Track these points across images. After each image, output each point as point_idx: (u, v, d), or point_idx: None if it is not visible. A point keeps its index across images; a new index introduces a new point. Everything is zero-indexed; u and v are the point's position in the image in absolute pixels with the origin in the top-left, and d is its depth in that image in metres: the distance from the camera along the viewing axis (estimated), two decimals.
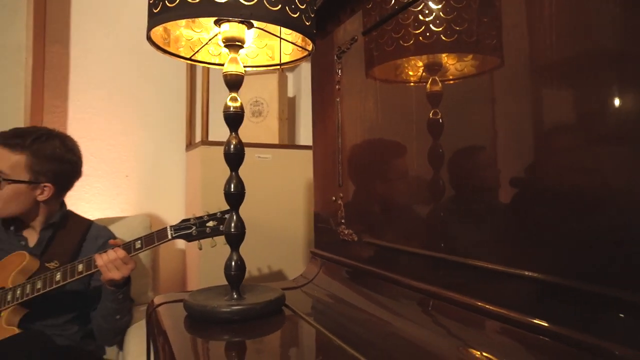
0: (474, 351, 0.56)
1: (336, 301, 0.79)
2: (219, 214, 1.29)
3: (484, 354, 0.55)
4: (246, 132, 2.03)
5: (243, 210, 1.24)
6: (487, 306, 0.57)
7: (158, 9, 0.67)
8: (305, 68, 2.22)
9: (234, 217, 0.78)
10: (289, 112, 2.20)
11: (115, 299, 1.27)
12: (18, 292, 1.22)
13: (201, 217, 1.29)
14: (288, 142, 2.17)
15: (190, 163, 2.03)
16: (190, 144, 2.10)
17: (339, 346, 0.60)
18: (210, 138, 1.85)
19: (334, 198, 0.89)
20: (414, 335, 0.63)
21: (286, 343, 0.66)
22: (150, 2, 0.70)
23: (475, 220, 0.64)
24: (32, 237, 1.37)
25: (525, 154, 0.57)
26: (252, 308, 0.71)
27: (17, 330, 1.18)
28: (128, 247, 1.24)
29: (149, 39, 0.76)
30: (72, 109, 1.99)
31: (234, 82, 0.77)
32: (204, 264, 1.74)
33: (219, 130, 2.03)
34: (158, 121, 2.11)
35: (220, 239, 1.27)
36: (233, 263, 0.75)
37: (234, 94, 0.78)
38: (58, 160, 1.34)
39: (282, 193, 1.85)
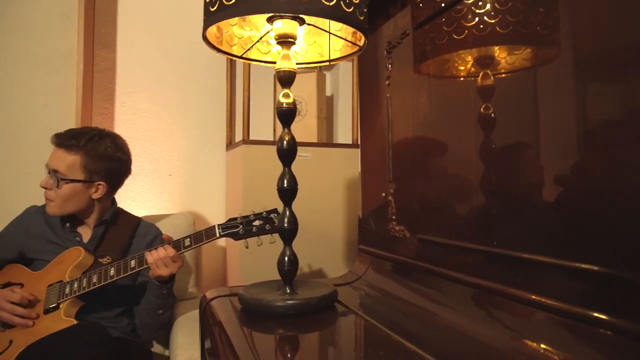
0: (531, 343, 0.56)
1: (388, 297, 0.79)
2: (264, 213, 1.31)
3: (542, 345, 0.55)
4: None
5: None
6: (543, 299, 0.57)
7: (215, 7, 0.69)
8: (343, 67, 2.22)
9: (287, 213, 0.78)
10: (327, 111, 2.21)
11: (160, 295, 1.30)
12: (75, 285, 1.28)
13: (247, 216, 1.31)
14: (326, 141, 2.17)
15: (231, 162, 2.07)
16: (230, 144, 2.14)
17: (398, 341, 0.60)
18: (251, 137, 1.87)
19: (383, 194, 0.89)
20: (470, 329, 0.63)
21: (343, 338, 0.66)
22: (207, 1, 0.72)
23: (530, 214, 0.63)
24: (86, 233, 1.43)
25: (582, 148, 0.56)
26: (307, 303, 0.71)
27: (75, 322, 1.23)
28: (178, 244, 1.28)
29: (204, 37, 0.78)
30: (119, 110, 2.06)
31: (286, 79, 0.77)
32: (245, 262, 1.76)
33: (259, 130, 2.06)
34: (199, 121, 2.16)
35: (267, 238, 1.29)
36: (286, 258, 0.76)
37: (286, 91, 0.78)
38: (110, 159, 1.39)
39: (322, 191, 1.85)
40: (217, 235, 1.28)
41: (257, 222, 1.29)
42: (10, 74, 1.72)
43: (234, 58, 0.87)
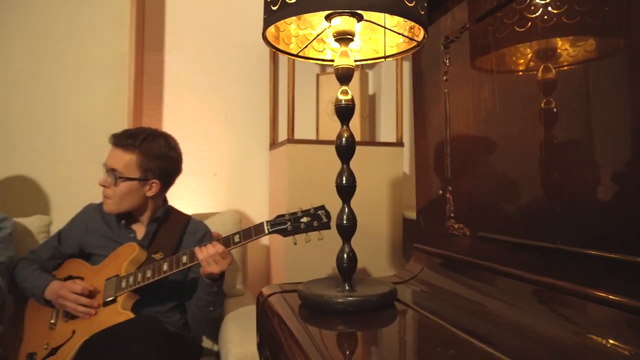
0: (599, 340, 0.54)
1: (448, 295, 0.78)
2: (312, 210, 1.31)
3: (610, 341, 0.53)
4: (327, 131, 2.06)
5: (329, 207, 1.25)
6: (609, 296, 0.55)
7: (277, 6, 0.70)
8: (386, 65, 2.21)
9: (346, 210, 0.78)
10: (369, 110, 2.20)
11: (210, 292, 1.33)
12: (131, 279, 1.32)
13: (295, 213, 1.32)
14: (369, 140, 2.16)
15: (274, 161, 2.09)
16: (273, 143, 2.16)
17: (466, 340, 0.59)
18: (295, 136, 1.88)
19: (440, 192, 0.88)
20: (536, 327, 0.61)
21: (409, 336, 0.66)
22: (268, 0, 0.73)
23: (594, 210, 0.62)
24: (139, 230, 1.48)
25: None
26: (368, 300, 0.71)
27: (131, 315, 1.28)
28: (227, 241, 1.30)
29: (264, 37, 0.79)
30: (167, 111, 2.12)
31: (345, 76, 0.77)
32: (290, 260, 1.78)
33: (302, 129, 2.07)
34: (243, 121, 2.20)
35: (315, 235, 1.30)
36: (345, 255, 0.76)
37: (345, 88, 0.78)
38: (163, 157, 1.44)
39: (365, 190, 1.83)
40: (266, 231, 1.29)
41: (304, 219, 1.30)
42: (69, 77, 1.80)
43: (291, 57, 0.87)
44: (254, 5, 2.19)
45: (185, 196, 2.10)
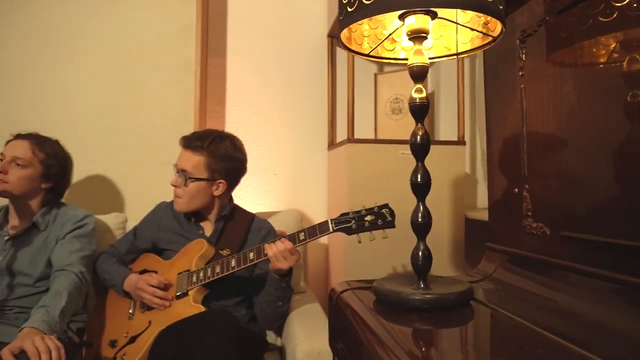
0: None
1: (526, 295, 0.76)
2: (376, 208, 1.32)
3: None
4: (385, 130, 2.05)
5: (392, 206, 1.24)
6: None
7: (353, 7, 0.71)
8: (445, 63, 2.17)
9: (421, 208, 0.78)
10: None
11: (279, 287, 1.37)
12: (201, 274, 1.39)
13: (359, 212, 1.33)
14: None
15: (333, 161, 2.11)
16: (332, 143, 2.18)
17: (553, 340, 0.57)
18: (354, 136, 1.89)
19: (516, 190, 0.85)
20: (625, 328, 0.58)
21: (492, 335, 0.65)
22: (344, 2, 0.74)
23: None
24: (207, 227, 1.55)
25: None
26: (445, 298, 0.71)
27: (202, 308, 1.34)
28: (293, 238, 1.33)
29: (339, 38, 0.81)
30: (229, 114, 2.20)
31: (419, 74, 0.77)
32: (349, 259, 1.79)
33: (360, 129, 2.07)
34: (302, 122, 2.23)
35: (379, 233, 1.30)
36: (420, 253, 0.76)
37: (419, 86, 0.78)
38: (229, 158, 1.49)
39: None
40: (331, 229, 1.31)
41: (368, 217, 1.30)
42: (141, 83, 1.92)
43: (363, 57, 0.89)
44: (312, 8, 2.23)
45: (246, 195, 2.17)
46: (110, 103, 1.91)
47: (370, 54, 0.89)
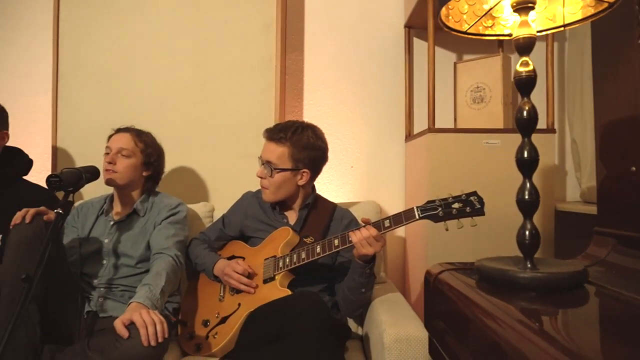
0: None
1: None
2: (463, 195, 1.28)
3: None
4: (466, 121, 1.99)
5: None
6: None
7: None
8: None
9: (527, 184, 0.75)
10: (512, 96, 2.07)
11: (363, 274, 1.37)
12: (287, 260, 1.43)
13: (446, 199, 1.30)
14: (512, 127, 2.03)
15: (411, 152, 2.08)
16: (409, 135, 2.16)
17: None
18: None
19: (633, 168, 0.79)
20: None
21: (621, 316, 0.61)
22: None
23: None
24: (291, 216, 1.59)
25: None
26: (557, 277, 0.67)
27: (289, 292, 1.38)
28: (378, 225, 1.33)
29: (439, 17, 0.80)
30: (306, 108, 2.24)
31: (525, 46, 0.75)
32: (430, 251, 1.75)
33: (439, 119, 2.01)
34: (378, 114, 2.23)
35: (467, 221, 1.27)
36: (527, 232, 0.73)
37: (525, 59, 0.75)
38: (312, 148, 1.52)
39: (513, 180, 1.74)
40: (417, 217, 1.30)
41: (456, 205, 1.27)
42: (225, 80, 2.01)
43: (461, 34, 0.87)
44: (388, 0, 2.22)
45: (323, 188, 2.20)
46: (196, 100, 2.02)
47: (468, 31, 0.87)
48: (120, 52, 2.03)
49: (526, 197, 0.73)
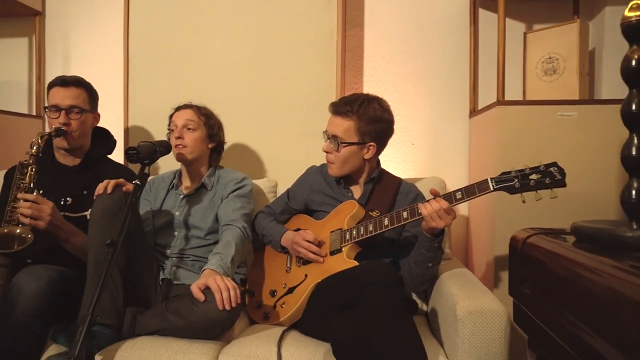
0: None
1: None
2: (542, 166, 1.23)
3: None
4: (536, 94, 1.89)
5: None
6: None
7: None
8: (610, 14, 1.92)
9: (635, 140, 0.70)
10: (588, 67, 1.94)
11: (431, 247, 1.35)
12: (354, 232, 1.43)
13: (522, 170, 1.25)
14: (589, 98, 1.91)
15: (477, 128, 2.01)
16: (474, 110, 2.08)
17: None
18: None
19: None
20: None
21: None
22: None
23: None
24: (356, 190, 1.58)
25: None
26: None
27: (356, 263, 1.38)
28: (449, 197, 1.30)
29: None
30: (366, 85, 2.22)
31: None
32: (499, 230, 1.68)
33: (507, 93, 1.93)
34: (441, 90, 2.17)
35: (546, 193, 1.21)
36: (633, 191, 0.68)
37: (636, 1, 0.69)
38: (378, 120, 1.50)
39: (588, 153, 1.64)
40: (491, 188, 1.25)
41: (534, 176, 1.22)
42: (286, 57, 2.02)
43: None
44: None
45: (383, 165, 2.16)
46: (258, 77, 2.04)
47: None
48: (185, 33, 2.08)
49: (633, 152, 0.68)
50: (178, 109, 1.69)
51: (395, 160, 2.20)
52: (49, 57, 2.44)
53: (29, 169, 1.44)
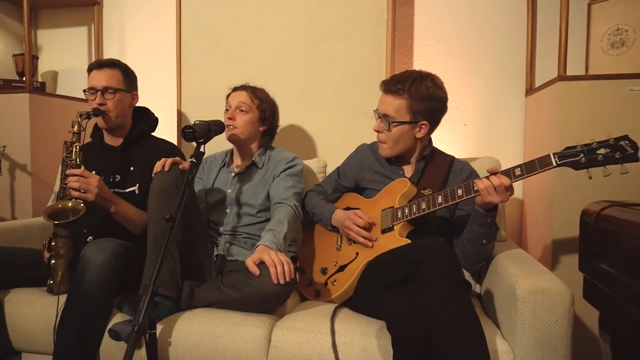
0: None
1: None
2: (611, 140, 1.16)
3: None
4: (600, 68, 1.79)
5: None
6: None
7: None
8: None
9: None
10: None
11: (484, 223, 1.30)
12: (406, 210, 1.41)
13: (589, 144, 1.18)
14: None
15: (533, 107, 1.93)
16: (530, 89, 1.99)
17: None
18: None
19: None
20: None
21: None
22: None
23: None
24: (408, 168, 1.55)
25: None
26: None
27: (408, 241, 1.36)
28: (508, 173, 1.25)
29: None
30: (416, 64, 2.17)
31: None
32: (559, 213, 1.62)
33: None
34: (494, 68, 2.09)
35: (616, 169, 1.14)
36: None
37: None
38: (431, 98, 1.46)
39: None
40: (554, 164, 1.20)
41: (602, 150, 1.15)
42: (334, 35, 2.00)
43: None
44: None
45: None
46: (307, 58, 2.04)
47: None
48: (236, 14, 2.10)
49: None
50: (235, 89, 1.72)
51: (446, 141, 2.15)
52: (106, 44, 2.54)
53: (73, 146, 1.51)
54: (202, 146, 1.45)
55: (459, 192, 1.32)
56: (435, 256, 1.11)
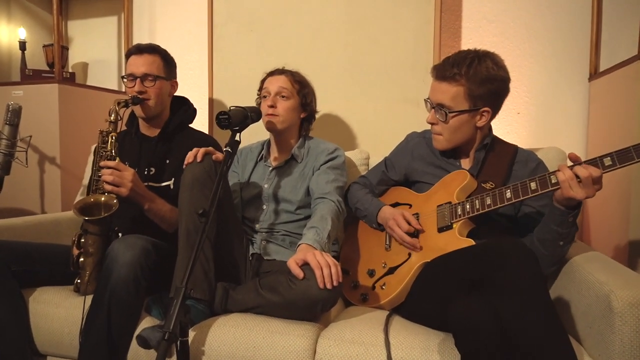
0: None
1: None
2: None
3: None
4: None
5: None
6: None
7: None
8: None
9: None
10: None
11: (564, 222, 1.12)
12: (467, 206, 1.24)
13: None
14: None
15: (599, 92, 1.73)
16: (594, 73, 1.79)
17: None
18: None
19: None
20: None
21: None
22: None
23: None
24: (465, 159, 1.39)
25: None
26: None
27: (472, 242, 1.19)
28: (594, 163, 1.07)
29: None
30: (464, 47, 1.99)
31: None
32: (637, 211, 1.42)
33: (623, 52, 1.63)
34: (553, 51, 1.90)
35: None
36: None
37: None
38: (493, 80, 1.27)
39: None
40: None
41: None
42: (378, 15, 1.84)
43: None
44: None
45: None
46: (348, 40, 1.89)
47: None
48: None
49: None
50: (271, 74, 1.58)
51: (497, 131, 1.91)
52: (136, 34, 2.46)
53: (109, 136, 1.41)
54: (238, 134, 1.32)
55: (532, 185, 1.14)
56: (519, 258, 0.94)
